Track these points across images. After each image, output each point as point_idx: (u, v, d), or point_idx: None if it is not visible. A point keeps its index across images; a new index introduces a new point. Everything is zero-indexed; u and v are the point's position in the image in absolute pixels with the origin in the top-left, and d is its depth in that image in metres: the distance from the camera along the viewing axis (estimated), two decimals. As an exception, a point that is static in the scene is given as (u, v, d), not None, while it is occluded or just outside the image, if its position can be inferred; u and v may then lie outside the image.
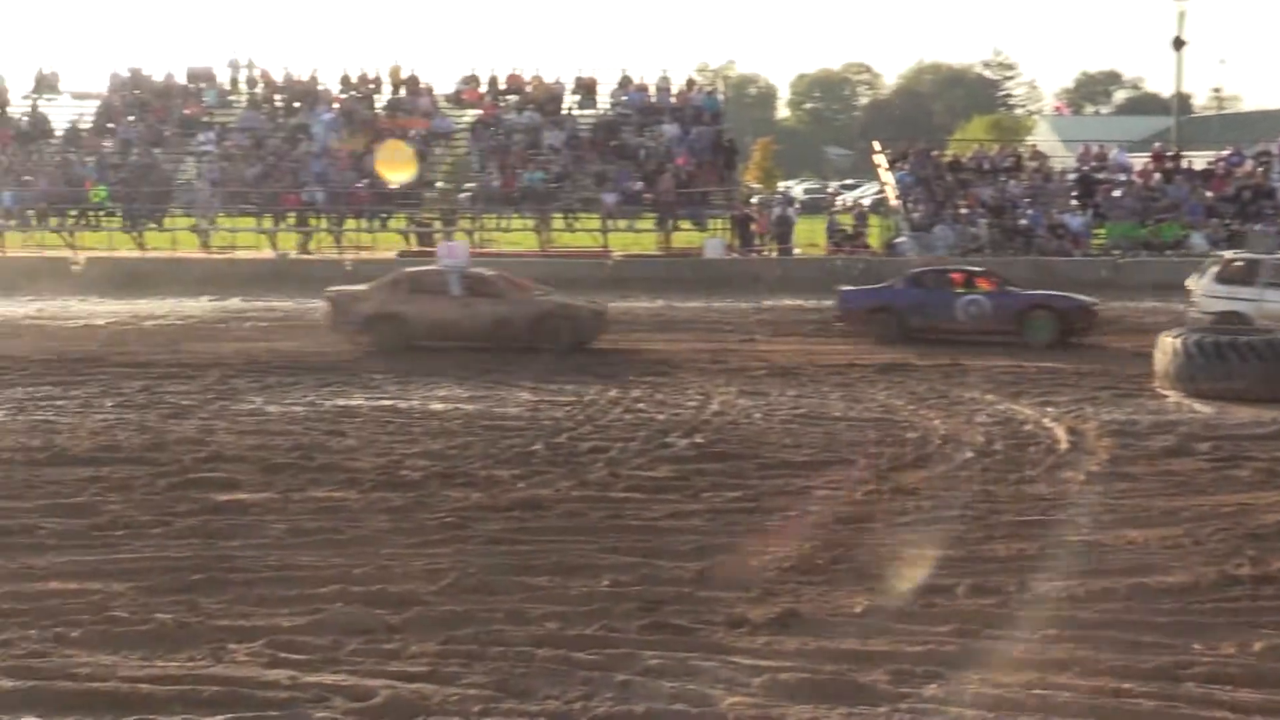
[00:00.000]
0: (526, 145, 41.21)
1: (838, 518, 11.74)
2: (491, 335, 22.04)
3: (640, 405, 17.32)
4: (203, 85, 44.51)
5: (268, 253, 37.92)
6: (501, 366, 20.26)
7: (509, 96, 43.94)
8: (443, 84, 44.87)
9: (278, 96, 44.04)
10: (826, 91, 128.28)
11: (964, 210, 38.33)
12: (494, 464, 13.77)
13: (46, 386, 18.42)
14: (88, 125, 42.86)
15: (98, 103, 43.84)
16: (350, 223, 39.40)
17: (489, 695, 7.64)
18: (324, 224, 39.51)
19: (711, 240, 37.65)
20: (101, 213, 39.58)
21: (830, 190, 67.92)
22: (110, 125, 42.78)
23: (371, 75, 44.39)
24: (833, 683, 7.82)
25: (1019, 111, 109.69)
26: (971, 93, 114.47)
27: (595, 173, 40.05)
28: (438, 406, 17.22)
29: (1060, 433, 15.39)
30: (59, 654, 8.28)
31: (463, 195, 40.10)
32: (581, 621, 8.88)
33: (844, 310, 24.50)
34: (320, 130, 41.41)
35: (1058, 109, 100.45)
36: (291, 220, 39.62)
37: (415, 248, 38.72)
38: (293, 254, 37.70)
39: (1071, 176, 41.09)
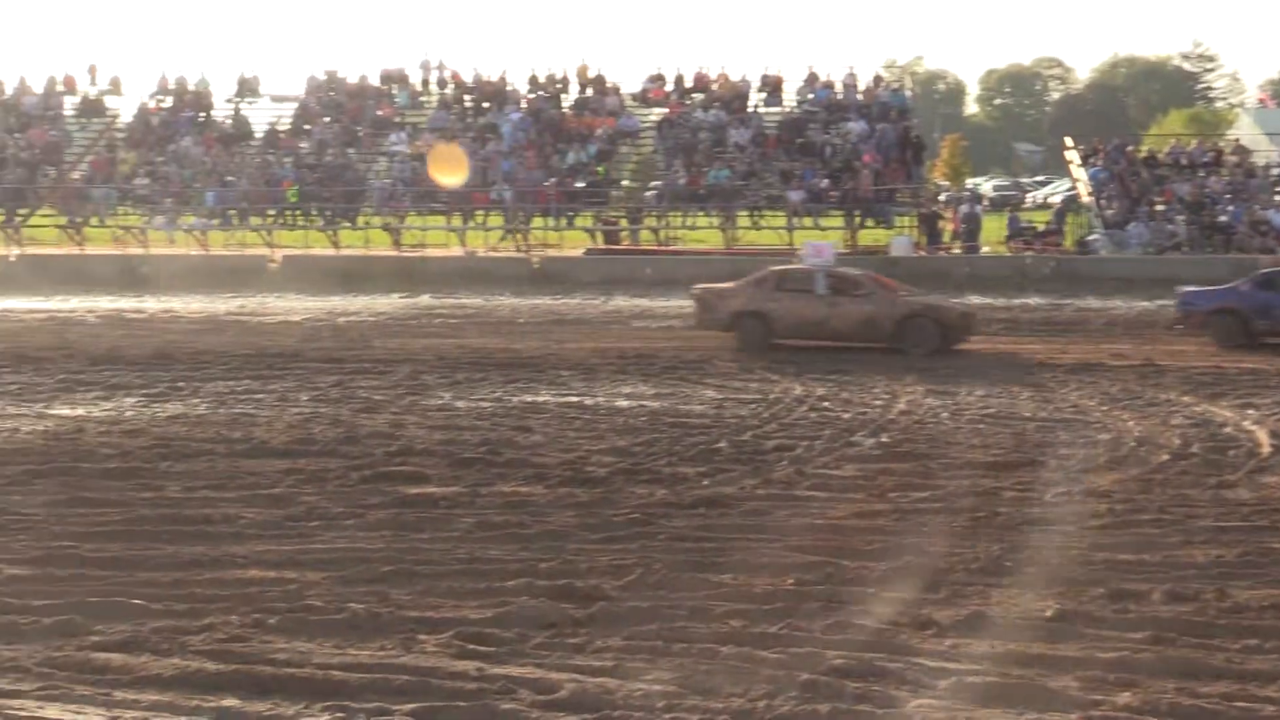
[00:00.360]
0: (712, 143, 41.24)
1: (1027, 519, 11.51)
2: (857, 335, 21.92)
3: (825, 404, 17.21)
4: (395, 87, 45.47)
5: (457, 250, 38.57)
6: (686, 364, 20.33)
7: (695, 95, 44.04)
8: (629, 83, 45.29)
9: (467, 97, 44.76)
10: (1017, 87, 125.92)
11: (1160, 207, 37.32)
12: (679, 461, 13.80)
13: (246, 380, 19.00)
14: (286, 127, 44.09)
15: (295, 105, 45.08)
16: (537, 220, 39.89)
17: (673, 691, 7.65)
18: (512, 222, 40.05)
19: (898, 238, 37.24)
20: (298, 212, 40.68)
21: (1024, 185, 66.66)
22: (307, 127, 43.95)
23: (559, 75, 44.89)
24: (1021, 687, 7.67)
25: (1219, 105, 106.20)
26: (1169, 86, 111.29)
27: (781, 170, 39.91)
28: (623, 404, 17.32)
29: (1262, 436, 14.89)
30: (258, 639, 8.52)
31: (648, 193, 40.29)
32: (765, 620, 8.85)
33: (1184, 312, 23.14)
34: (509, 130, 41.97)
35: (1262, 101, 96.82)
36: (480, 218, 40.25)
37: (601, 245, 39.08)
38: (481, 252, 38.30)
39: (1276, 171, 39.72)
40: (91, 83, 46.38)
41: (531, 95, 44.30)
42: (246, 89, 45.94)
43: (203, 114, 44.86)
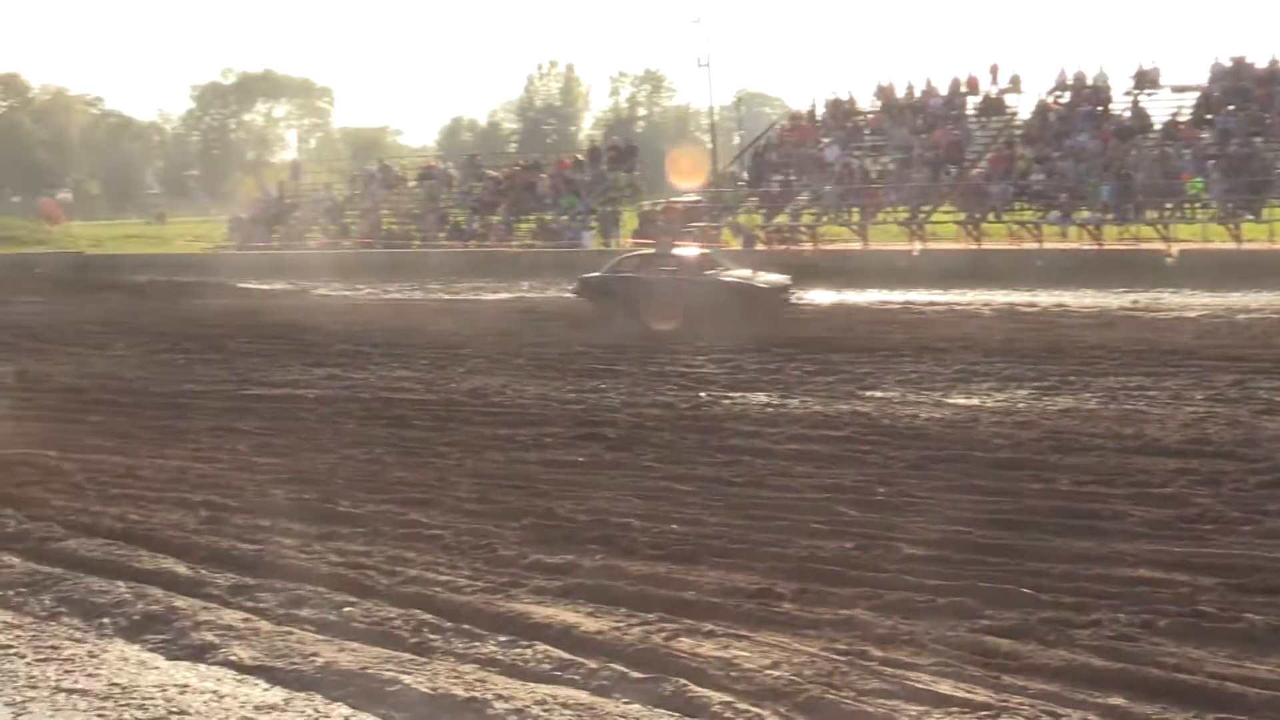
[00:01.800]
0: None
1: None
2: None
3: None
4: (1309, 71, 42.78)
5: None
6: None
7: None
8: None
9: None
10: None
11: None
12: None
13: (1138, 377, 18.63)
14: (1186, 118, 42.86)
15: (1196, 95, 43.69)
16: None
17: None
18: None
19: None
20: (1197, 205, 39.43)
21: None
22: (1208, 116, 42.44)
23: None
24: None
25: None
26: None
27: None
28: None
29: None
30: (1147, 640, 8.34)
31: None
32: None
33: None
34: None
35: None
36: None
37: None
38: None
39: None
40: (993, 82, 47.70)
41: None
42: (1145, 81, 45.16)
43: (1100, 108, 44.66)
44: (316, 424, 16.84)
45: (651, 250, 29.80)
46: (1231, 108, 42.21)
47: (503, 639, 8.88)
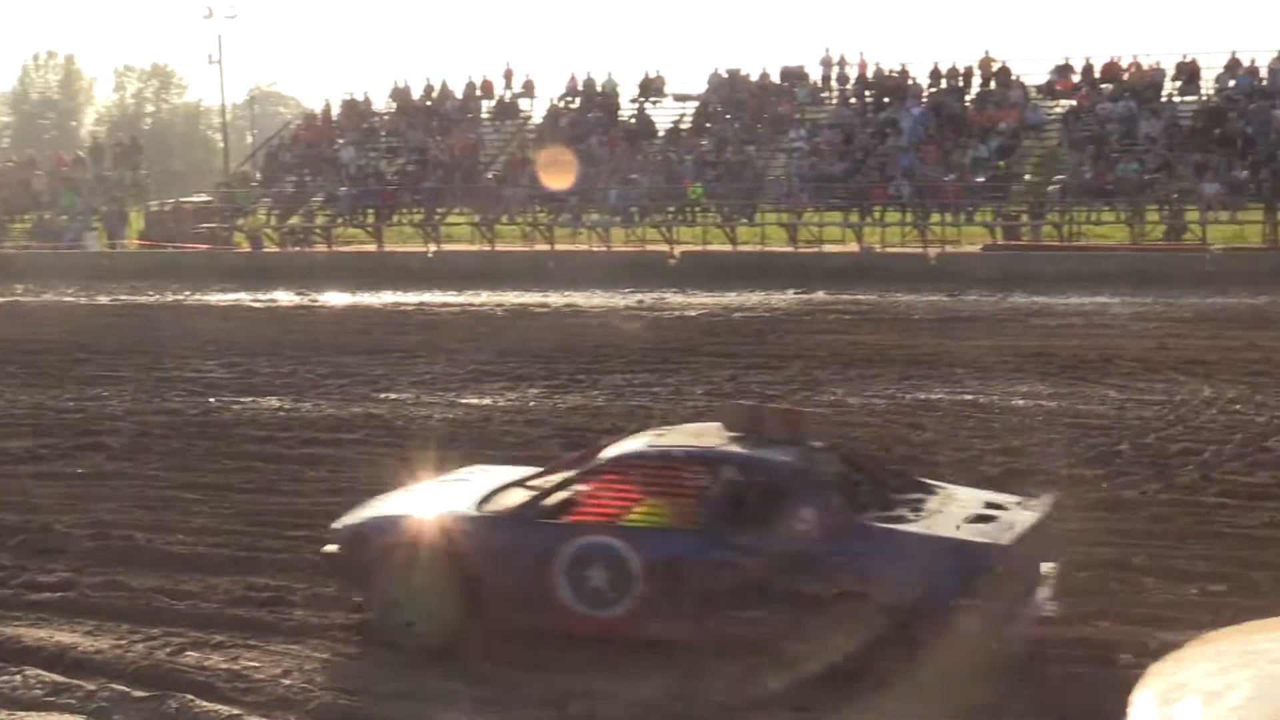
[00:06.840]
0: (1121, 135, 39.61)
1: None
2: None
3: (1236, 406, 16.26)
4: (795, 83, 45.58)
5: (853, 247, 38.43)
6: (1086, 364, 19.58)
7: (1104, 85, 42.32)
8: (1035, 74, 43.74)
9: (867, 92, 44.42)
10: None
11: None
12: (1077, 463, 13.33)
13: (643, 374, 19.42)
14: (687, 125, 44.94)
15: (697, 104, 45.86)
16: (935, 216, 39.28)
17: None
18: (909, 218, 39.55)
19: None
20: (697, 209, 41.38)
21: None
22: (708, 125, 44.64)
23: (962, 68, 43.98)
24: None
25: None
26: None
27: (1195, 163, 37.85)
28: (1019, 403, 16.85)
29: None
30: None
31: (1051, 188, 39.08)
32: (1171, 628, 8.41)
33: None
34: (909, 124, 41.48)
35: None
36: (878, 214, 39.92)
37: (1000, 241, 38.21)
38: (877, 248, 38.04)
39: None
40: (507, 86, 48.41)
41: (933, 89, 43.60)
42: (650, 89, 46.90)
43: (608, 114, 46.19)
44: None
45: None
46: (728, 117, 44.56)
47: (-13, 666, 8.35)
